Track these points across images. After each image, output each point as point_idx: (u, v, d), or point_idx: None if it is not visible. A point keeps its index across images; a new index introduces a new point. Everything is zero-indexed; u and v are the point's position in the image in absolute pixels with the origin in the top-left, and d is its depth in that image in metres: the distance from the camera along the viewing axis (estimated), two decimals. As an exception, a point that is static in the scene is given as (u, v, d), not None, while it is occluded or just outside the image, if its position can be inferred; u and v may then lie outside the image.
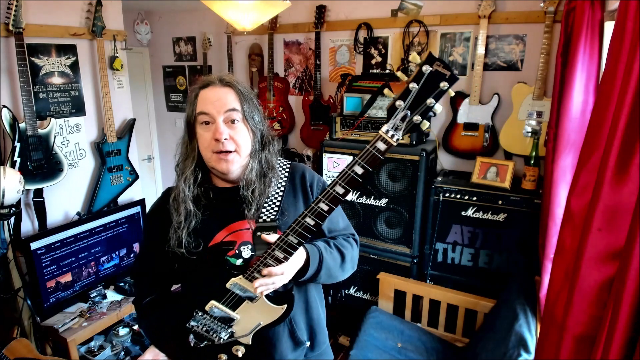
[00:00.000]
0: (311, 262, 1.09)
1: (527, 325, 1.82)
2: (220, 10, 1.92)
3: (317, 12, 2.96)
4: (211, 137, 1.07)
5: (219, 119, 1.06)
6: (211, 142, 1.07)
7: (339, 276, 1.21)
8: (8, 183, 1.98)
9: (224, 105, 1.07)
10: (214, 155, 1.08)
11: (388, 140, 0.94)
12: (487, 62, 2.54)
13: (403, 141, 2.49)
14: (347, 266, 1.21)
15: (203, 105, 1.07)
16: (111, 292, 2.72)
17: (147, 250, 1.26)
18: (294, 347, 1.20)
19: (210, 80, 1.10)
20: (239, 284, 1.07)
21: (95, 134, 2.74)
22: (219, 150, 1.07)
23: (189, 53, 3.80)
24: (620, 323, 0.82)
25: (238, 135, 1.09)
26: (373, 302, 2.75)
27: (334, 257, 1.16)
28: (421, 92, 0.96)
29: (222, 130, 1.06)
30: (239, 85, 1.11)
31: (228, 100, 1.08)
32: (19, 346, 2.11)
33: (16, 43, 2.16)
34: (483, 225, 2.36)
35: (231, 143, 1.07)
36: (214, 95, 1.08)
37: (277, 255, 1.03)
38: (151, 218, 1.26)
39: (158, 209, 1.21)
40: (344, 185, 0.95)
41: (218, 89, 1.09)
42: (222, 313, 1.09)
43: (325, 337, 1.32)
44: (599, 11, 1.73)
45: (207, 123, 1.08)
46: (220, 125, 1.06)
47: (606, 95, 0.99)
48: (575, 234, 1.12)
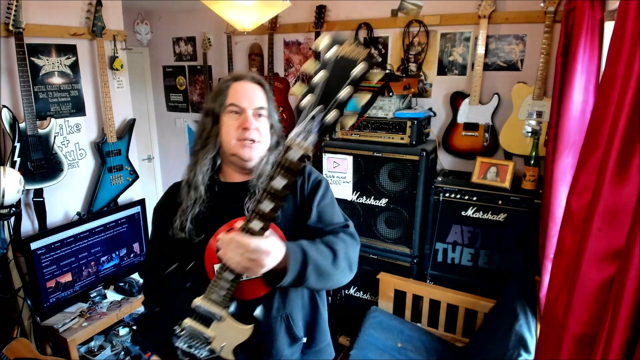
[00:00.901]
0: (291, 260, 0.98)
1: (527, 325, 1.82)
2: (220, 10, 1.92)
3: (317, 12, 2.95)
4: (238, 125, 1.12)
5: (249, 111, 1.13)
6: (238, 129, 1.12)
7: (334, 275, 1.08)
8: (8, 183, 1.98)
9: (254, 101, 1.14)
10: (239, 142, 1.13)
11: (298, 150, 0.84)
12: (487, 62, 2.54)
13: (403, 141, 2.49)
14: (341, 263, 1.08)
15: (234, 97, 1.14)
16: (111, 292, 2.72)
17: (155, 247, 1.30)
18: (290, 343, 1.20)
19: (243, 75, 1.17)
20: (201, 305, 1.05)
21: (95, 134, 2.74)
22: (245, 138, 1.12)
23: (189, 53, 3.80)
24: (620, 323, 0.82)
25: (262, 128, 1.15)
26: (373, 302, 2.75)
27: (321, 253, 1.06)
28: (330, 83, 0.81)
29: (251, 120, 1.12)
30: (266, 85, 1.20)
31: (258, 97, 1.16)
32: (19, 346, 2.11)
33: (16, 43, 2.16)
34: (483, 225, 2.36)
35: (257, 133, 1.13)
36: (245, 89, 1.15)
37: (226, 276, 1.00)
38: (158, 213, 1.28)
39: (164, 204, 1.25)
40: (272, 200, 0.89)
41: (250, 84, 1.16)
42: (197, 330, 1.06)
43: (324, 335, 1.30)
44: (599, 11, 1.72)
45: (236, 113, 1.14)
46: (250, 116, 1.13)
47: (606, 95, 0.99)
48: (575, 234, 1.12)
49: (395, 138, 2.51)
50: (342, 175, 2.66)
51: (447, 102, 2.70)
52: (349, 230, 1.18)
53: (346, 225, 1.19)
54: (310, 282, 1.02)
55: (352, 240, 1.16)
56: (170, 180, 1.32)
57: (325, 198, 1.20)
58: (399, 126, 2.49)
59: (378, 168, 2.56)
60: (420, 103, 2.79)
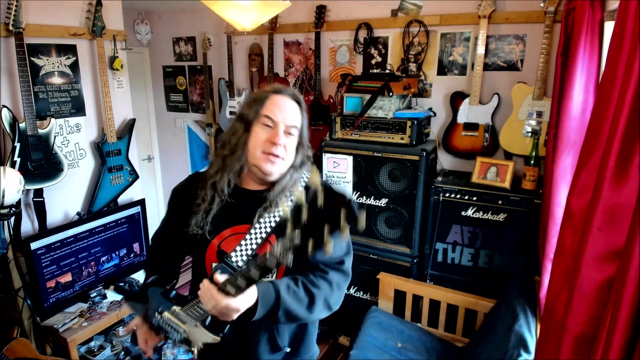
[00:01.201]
0: (261, 305, 1.04)
1: (527, 325, 1.82)
2: (220, 10, 1.92)
3: (317, 12, 2.96)
4: (267, 139, 1.13)
5: (281, 127, 1.13)
6: (265, 142, 1.13)
7: (308, 318, 1.14)
8: (8, 183, 1.98)
9: (289, 118, 1.14)
10: (264, 155, 1.13)
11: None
12: (487, 62, 2.54)
13: (403, 141, 2.49)
14: (318, 308, 1.13)
15: (270, 110, 1.13)
16: (111, 292, 2.72)
17: (163, 229, 1.38)
18: (271, 351, 1.23)
19: (283, 89, 1.17)
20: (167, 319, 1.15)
21: (95, 134, 2.74)
22: (270, 152, 1.12)
23: (189, 53, 3.80)
24: (620, 323, 0.82)
25: (290, 146, 1.16)
26: (373, 302, 2.75)
27: (298, 298, 1.10)
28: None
29: (280, 136, 1.12)
30: (302, 104, 1.19)
31: (293, 115, 1.16)
32: (19, 346, 2.12)
33: (16, 43, 2.16)
34: (483, 225, 2.36)
35: (283, 150, 1.14)
36: (283, 104, 1.15)
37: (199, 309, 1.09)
38: (174, 198, 1.33)
39: (182, 191, 1.30)
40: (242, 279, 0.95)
41: (288, 100, 1.16)
42: (173, 324, 1.15)
43: (309, 347, 1.32)
44: (599, 11, 1.73)
45: (268, 125, 1.14)
46: (280, 132, 1.13)
47: (606, 95, 0.99)
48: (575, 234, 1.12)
49: (395, 138, 2.51)
50: (342, 175, 2.66)
51: (447, 102, 2.70)
52: (342, 268, 1.19)
53: (342, 262, 1.20)
54: (281, 322, 1.11)
55: (342, 278, 1.19)
56: (170, 180, 1.34)
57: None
58: (399, 126, 2.49)
59: (378, 168, 2.56)
60: (420, 103, 2.79)
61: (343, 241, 1.21)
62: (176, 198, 1.32)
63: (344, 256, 1.21)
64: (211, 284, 0.99)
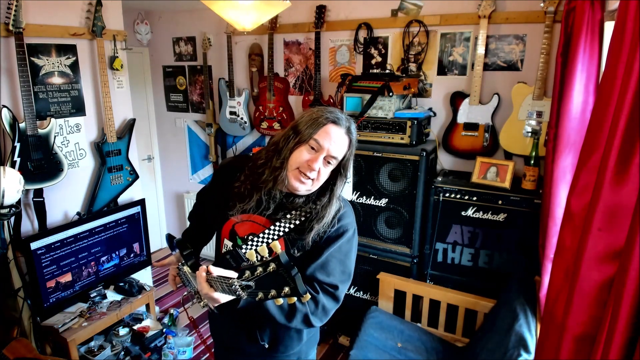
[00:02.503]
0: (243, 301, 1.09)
1: (527, 325, 1.82)
2: (220, 10, 1.92)
3: (317, 12, 2.96)
4: (307, 160, 1.19)
5: (322, 154, 1.19)
6: (304, 163, 1.19)
7: (286, 325, 1.19)
8: (8, 183, 1.98)
9: (334, 150, 1.20)
10: (297, 171, 1.20)
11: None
12: (487, 62, 2.54)
13: (403, 141, 2.49)
14: (296, 320, 1.17)
15: (322, 137, 1.19)
16: (111, 292, 2.72)
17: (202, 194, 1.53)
18: (248, 342, 1.34)
19: (340, 120, 1.21)
20: (186, 272, 1.29)
21: (95, 134, 2.74)
22: (303, 172, 1.20)
23: (189, 53, 3.80)
24: (620, 323, 0.82)
25: (324, 173, 1.22)
26: (373, 302, 2.75)
27: (280, 307, 1.15)
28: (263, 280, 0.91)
29: (319, 162, 1.19)
30: (353, 137, 1.24)
31: (340, 148, 1.21)
32: (19, 346, 2.11)
33: (16, 43, 2.16)
34: (483, 225, 2.36)
35: (315, 174, 1.20)
36: (336, 136, 1.20)
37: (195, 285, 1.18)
38: (219, 172, 1.41)
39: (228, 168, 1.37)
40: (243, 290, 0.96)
41: (341, 134, 1.21)
42: (189, 278, 1.30)
43: (287, 350, 1.36)
44: (599, 11, 1.73)
45: (313, 148, 1.20)
46: (320, 158, 1.19)
47: (606, 95, 0.99)
48: (575, 234, 1.12)
49: (395, 138, 2.51)
50: (342, 175, 2.66)
51: (447, 102, 2.70)
52: (335, 293, 1.23)
53: (336, 287, 1.23)
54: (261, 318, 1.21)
55: (331, 303, 1.23)
56: (170, 180, 1.38)
57: (340, 251, 1.25)
58: (399, 126, 2.49)
59: (378, 168, 2.56)
60: (420, 103, 2.79)
61: (346, 267, 1.27)
62: (221, 173, 1.41)
63: (340, 282, 1.25)
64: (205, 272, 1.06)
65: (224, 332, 1.42)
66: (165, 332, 2.82)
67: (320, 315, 1.21)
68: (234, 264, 1.21)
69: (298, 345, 1.38)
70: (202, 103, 3.84)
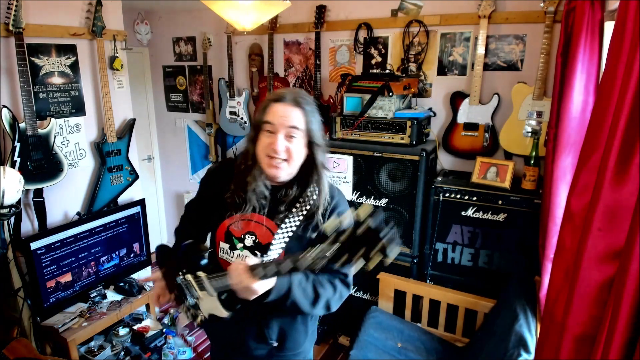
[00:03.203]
0: (273, 293, 1.14)
1: (527, 325, 1.82)
2: (220, 10, 1.92)
3: (317, 12, 2.96)
4: (269, 144, 1.20)
5: (281, 132, 1.19)
6: (268, 147, 1.20)
7: (309, 311, 1.24)
8: (8, 183, 1.98)
9: (288, 121, 1.19)
10: (267, 158, 1.21)
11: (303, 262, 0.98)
12: (487, 62, 2.54)
13: (403, 141, 2.49)
14: (319, 306, 1.24)
15: (270, 116, 1.20)
16: (111, 292, 2.72)
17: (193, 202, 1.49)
18: (257, 342, 1.32)
19: (283, 96, 1.22)
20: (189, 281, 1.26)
21: (95, 134, 2.74)
22: (272, 156, 1.20)
23: (189, 53, 3.80)
24: (620, 323, 0.82)
25: (293, 149, 1.21)
26: (373, 302, 2.75)
27: (306, 294, 1.21)
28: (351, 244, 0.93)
29: (279, 142, 1.19)
30: (308, 106, 1.23)
31: (293, 118, 1.20)
32: (19, 346, 2.11)
33: (16, 43, 2.16)
34: (483, 225, 2.36)
35: (284, 154, 1.20)
36: (282, 111, 1.20)
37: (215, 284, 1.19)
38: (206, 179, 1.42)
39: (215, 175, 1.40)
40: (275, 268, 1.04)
41: (287, 106, 1.20)
42: (190, 287, 1.27)
43: (296, 346, 1.37)
44: (599, 11, 1.72)
45: (270, 131, 1.21)
46: (280, 138, 1.19)
47: (606, 95, 0.99)
48: (575, 234, 1.12)
49: (395, 138, 2.51)
50: (342, 175, 2.66)
51: (447, 102, 2.70)
52: (346, 280, 1.29)
53: (346, 275, 1.29)
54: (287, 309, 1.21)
55: (344, 289, 1.29)
56: (170, 180, 1.38)
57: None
58: (399, 126, 2.49)
59: (378, 168, 2.56)
60: (420, 103, 2.79)
61: None
62: (208, 180, 1.42)
63: (348, 270, 1.28)
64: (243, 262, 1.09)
65: (228, 336, 1.38)
66: (165, 332, 2.83)
67: (337, 300, 1.27)
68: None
69: (304, 340, 1.39)
70: (202, 103, 3.84)
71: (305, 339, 1.40)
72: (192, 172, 4.14)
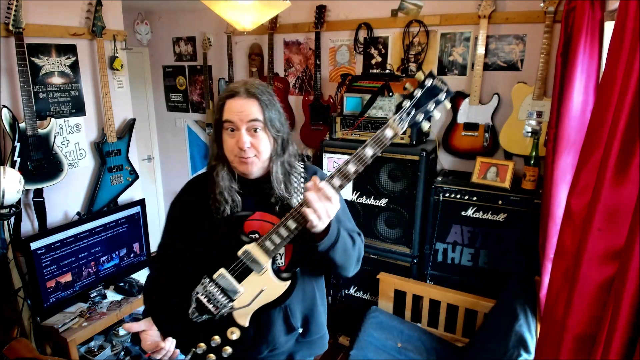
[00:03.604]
0: (331, 229, 1.12)
1: (527, 325, 1.82)
2: (220, 10, 1.92)
3: (317, 12, 2.95)
4: (235, 144, 1.17)
5: (243, 128, 1.16)
6: (234, 147, 1.18)
7: (351, 257, 1.23)
8: (8, 183, 1.98)
9: (247, 116, 1.16)
10: (236, 158, 1.19)
11: (394, 128, 1.10)
12: (487, 62, 2.54)
13: (403, 141, 2.49)
14: (356, 250, 1.25)
15: (228, 115, 1.17)
16: (111, 292, 2.72)
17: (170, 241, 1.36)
18: (286, 332, 1.29)
19: (236, 91, 1.17)
20: (250, 252, 1.15)
21: (95, 134, 2.74)
22: (241, 155, 1.18)
23: (189, 53, 3.80)
24: (620, 323, 0.82)
25: (259, 143, 1.19)
26: (373, 302, 2.75)
27: (346, 236, 1.21)
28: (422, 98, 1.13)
29: (244, 140, 1.16)
30: (263, 95, 1.19)
31: (252, 111, 1.16)
32: (19, 346, 2.11)
33: (16, 43, 2.16)
34: (483, 225, 2.36)
35: (252, 150, 1.18)
36: (238, 106, 1.16)
37: (289, 225, 1.11)
38: (175, 209, 1.37)
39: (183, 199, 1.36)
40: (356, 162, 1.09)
41: (243, 101, 1.17)
42: (227, 283, 1.15)
43: (320, 328, 1.38)
44: (599, 11, 1.72)
45: (232, 130, 1.18)
46: (243, 135, 1.16)
47: (606, 95, 0.99)
48: (575, 234, 1.12)
49: (395, 138, 2.51)
50: (342, 175, 2.66)
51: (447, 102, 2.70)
52: (360, 237, 1.32)
53: (358, 233, 1.32)
54: (337, 252, 1.16)
55: (362, 243, 1.31)
56: (170, 180, 1.35)
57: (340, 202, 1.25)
58: (399, 126, 2.49)
59: (378, 168, 2.56)
60: (420, 103, 2.78)
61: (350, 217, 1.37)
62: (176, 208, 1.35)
63: (357, 229, 1.34)
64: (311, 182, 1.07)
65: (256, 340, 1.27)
66: (165, 332, 2.82)
67: (362, 251, 1.29)
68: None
69: (324, 323, 1.40)
70: (202, 103, 3.84)
71: (325, 314, 1.40)
72: (192, 172, 4.14)
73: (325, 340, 1.43)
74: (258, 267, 1.15)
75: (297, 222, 1.10)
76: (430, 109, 1.14)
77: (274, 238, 1.13)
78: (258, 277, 1.15)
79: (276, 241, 1.13)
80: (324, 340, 1.42)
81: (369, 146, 1.09)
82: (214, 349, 1.17)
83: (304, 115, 3.23)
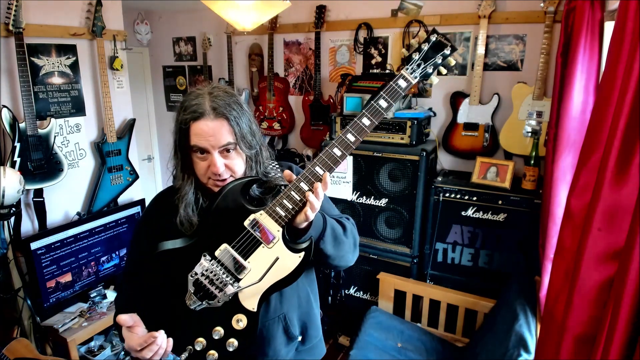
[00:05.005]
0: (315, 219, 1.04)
1: (527, 325, 1.82)
2: (220, 10, 1.92)
3: (317, 12, 2.96)
4: (207, 168, 1.07)
5: (214, 153, 1.05)
6: (207, 170, 1.08)
7: (345, 243, 1.15)
8: (8, 183, 1.98)
9: (219, 141, 1.05)
10: (210, 180, 1.10)
11: (407, 78, 1.09)
12: (487, 62, 2.54)
13: (403, 141, 2.49)
14: (349, 236, 1.17)
15: (197, 140, 1.05)
16: (111, 292, 2.72)
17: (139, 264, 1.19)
18: (287, 342, 1.24)
19: (200, 111, 1.04)
20: (258, 220, 1.02)
21: (95, 134, 2.74)
22: (215, 179, 1.08)
23: (189, 53, 3.80)
24: (620, 323, 0.82)
25: (233, 164, 1.09)
26: (373, 302, 2.75)
27: (335, 223, 1.15)
28: (429, 52, 1.14)
29: (218, 165, 1.05)
30: (232, 111, 1.06)
31: (223, 135, 1.05)
32: (19, 346, 2.11)
33: (16, 43, 2.16)
34: (483, 225, 2.36)
35: (227, 172, 1.09)
36: (208, 130, 1.04)
37: (302, 187, 1.01)
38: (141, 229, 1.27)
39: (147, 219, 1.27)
40: (369, 116, 1.05)
41: (211, 123, 1.04)
42: (233, 261, 1.01)
43: (317, 331, 1.35)
44: (599, 11, 1.72)
45: (202, 152, 1.07)
46: (217, 159, 1.05)
47: (606, 95, 0.99)
48: (575, 234, 1.12)
49: (395, 138, 2.51)
50: (342, 175, 2.66)
51: (447, 102, 2.70)
52: (350, 220, 1.25)
53: (347, 218, 1.25)
54: (327, 243, 1.10)
55: (353, 227, 1.24)
56: (170, 180, 1.32)
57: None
58: (399, 126, 2.49)
59: (378, 168, 2.56)
60: (420, 103, 2.79)
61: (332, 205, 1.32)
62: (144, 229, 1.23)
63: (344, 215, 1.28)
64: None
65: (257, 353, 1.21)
66: (165, 332, 2.82)
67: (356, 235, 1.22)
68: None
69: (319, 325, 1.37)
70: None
71: (319, 317, 1.38)
72: (192, 172, 4.14)
73: (322, 343, 1.40)
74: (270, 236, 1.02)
75: (299, 191, 1.01)
76: (438, 62, 1.15)
77: (286, 203, 1.01)
78: (268, 251, 1.01)
79: (288, 205, 1.01)
80: (322, 343, 1.40)
81: (382, 98, 1.06)
82: (217, 343, 1.02)
83: (304, 115, 3.23)
